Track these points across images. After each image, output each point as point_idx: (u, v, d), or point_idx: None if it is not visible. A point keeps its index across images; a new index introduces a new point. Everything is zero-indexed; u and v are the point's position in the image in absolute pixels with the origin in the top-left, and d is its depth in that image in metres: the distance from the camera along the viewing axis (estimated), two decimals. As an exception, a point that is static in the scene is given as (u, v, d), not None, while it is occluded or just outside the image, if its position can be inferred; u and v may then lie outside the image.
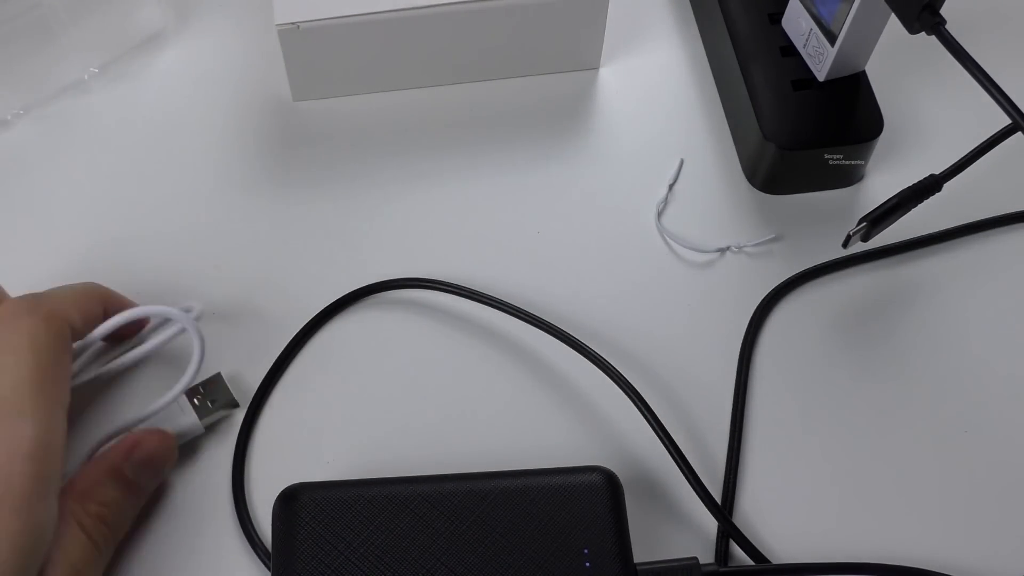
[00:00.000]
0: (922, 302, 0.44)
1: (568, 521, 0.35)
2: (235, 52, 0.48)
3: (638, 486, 0.39)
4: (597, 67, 0.49)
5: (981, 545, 0.39)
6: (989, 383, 0.42)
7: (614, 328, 0.43)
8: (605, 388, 0.40)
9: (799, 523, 0.39)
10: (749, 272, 0.44)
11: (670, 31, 0.50)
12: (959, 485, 0.40)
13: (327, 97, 0.47)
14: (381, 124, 0.47)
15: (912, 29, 0.38)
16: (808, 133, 0.44)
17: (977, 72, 0.37)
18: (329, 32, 0.44)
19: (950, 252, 0.45)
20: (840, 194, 0.46)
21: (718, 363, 0.42)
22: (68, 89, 0.47)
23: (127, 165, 0.46)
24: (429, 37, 0.45)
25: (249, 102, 0.47)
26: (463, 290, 0.42)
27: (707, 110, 0.48)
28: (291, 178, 0.46)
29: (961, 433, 0.41)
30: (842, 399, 0.42)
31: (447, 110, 0.48)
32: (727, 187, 0.46)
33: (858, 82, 0.45)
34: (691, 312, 0.43)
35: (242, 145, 0.46)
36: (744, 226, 0.45)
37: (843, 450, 0.41)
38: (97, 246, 0.44)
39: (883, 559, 0.38)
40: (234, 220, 0.44)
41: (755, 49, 0.45)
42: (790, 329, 0.43)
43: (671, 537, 0.39)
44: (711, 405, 0.41)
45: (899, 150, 0.47)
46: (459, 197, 0.45)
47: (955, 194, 0.43)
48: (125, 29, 0.47)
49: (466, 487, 0.36)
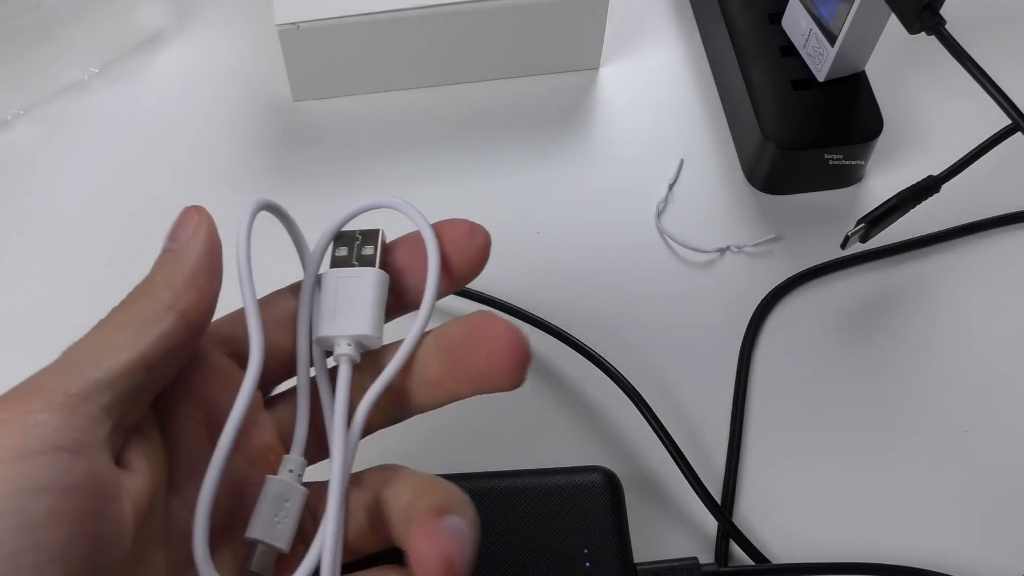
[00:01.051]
0: (921, 302, 0.44)
1: (568, 521, 0.35)
2: (235, 52, 0.48)
3: (638, 486, 0.39)
4: (597, 67, 0.49)
5: (981, 545, 0.39)
6: (989, 383, 0.42)
7: (614, 328, 0.43)
8: (605, 388, 0.40)
9: (799, 523, 0.39)
10: (749, 272, 0.44)
11: (670, 31, 0.50)
12: (959, 485, 0.40)
13: (327, 97, 0.47)
14: (381, 124, 0.47)
15: (912, 29, 0.38)
16: (808, 133, 0.44)
17: (977, 72, 0.37)
18: (329, 32, 0.44)
19: (949, 252, 0.45)
20: (840, 194, 0.46)
21: (718, 363, 0.42)
22: (68, 89, 0.47)
23: (127, 165, 0.46)
24: (429, 37, 0.45)
25: (249, 102, 0.47)
26: (462, 290, 0.42)
27: (707, 110, 0.48)
28: (291, 178, 0.46)
29: (961, 433, 0.41)
30: (842, 399, 0.42)
31: (447, 110, 0.48)
32: (727, 187, 0.46)
33: (858, 82, 0.45)
34: (691, 312, 0.43)
35: (242, 145, 0.46)
36: (744, 226, 0.45)
37: (843, 450, 0.41)
38: (97, 246, 0.44)
39: (883, 559, 0.38)
40: (233, 219, 0.44)
41: (755, 49, 0.45)
42: (790, 329, 0.43)
43: (671, 537, 0.39)
44: (711, 405, 0.41)
45: (899, 150, 0.47)
46: (459, 197, 0.45)
47: (954, 194, 0.43)
48: (125, 29, 0.47)
49: (466, 487, 0.36)
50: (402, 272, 0.31)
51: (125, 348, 0.26)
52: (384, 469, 0.30)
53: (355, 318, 0.29)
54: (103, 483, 0.25)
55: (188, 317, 0.27)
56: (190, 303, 0.27)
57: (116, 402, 0.25)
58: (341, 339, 0.29)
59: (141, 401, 0.27)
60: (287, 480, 0.29)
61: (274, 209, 0.30)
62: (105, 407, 0.25)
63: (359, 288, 0.30)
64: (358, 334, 0.29)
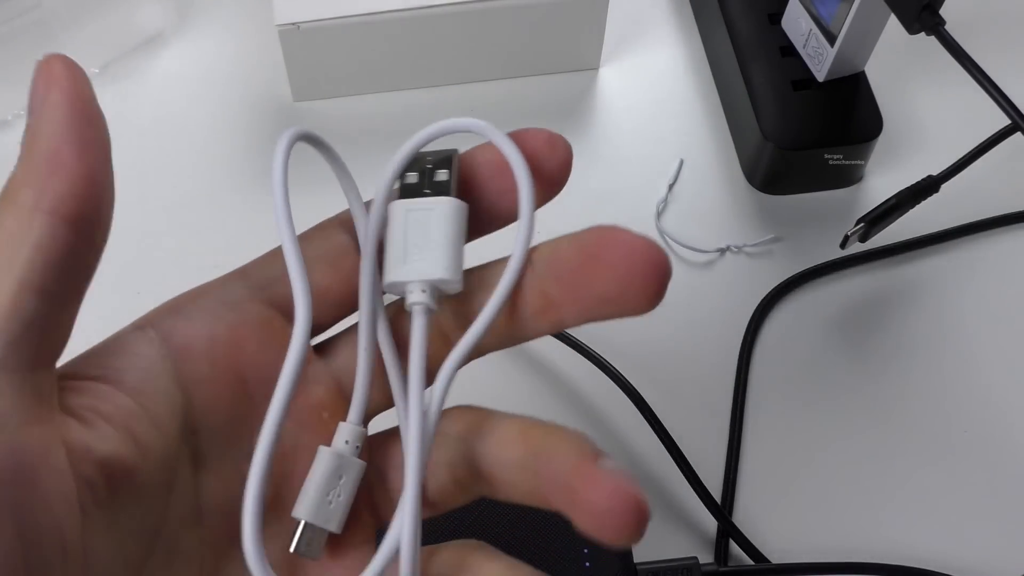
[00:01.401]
0: (921, 302, 0.44)
1: (568, 521, 0.35)
2: (235, 52, 0.48)
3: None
4: (597, 67, 0.49)
5: (981, 545, 0.39)
6: (989, 383, 0.42)
7: (614, 328, 0.42)
8: (605, 388, 0.40)
9: (799, 523, 0.39)
10: (749, 272, 0.44)
11: (670, 31, 0.50)
12: (959, 485, 0.40)
13: (327, 97, 0.47)
14: (381, 124, 0.47)
15: (912, 29, 0.38)
16: (808, 133, 0.44)
17: (976, 72, 0.37)
18: (329, 32, 0.44)
19: (949, 252, 0.45)
20: (839, 194, 0.46)
21: (718, 363, 0.42)
22: (68, 89, 0.47)
23: (127, 165, 0.46)
24: (429, 37, 0.45)
25: (249, 102, 0.47)
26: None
27: (707, 110, 0.48)
28: (291, 178, 0.46)
29: (961, 433, 0.41)
30: (841, 399, 0.42)
31: (447, 110, 0.48)
32: (727, 187, 0.46)
33: (858, 82, 0.45)
34: (691, 312, 0.43)
35: (242, 145, 0.46)
36: (744, 226, 0.45)
37: (843, 450, 0.41)
38: (97, 246, 0.44)
39: (883, 559, 0.38)
40: (234, 219, 0.44)
41: (755, 49, 0.45)
42: (790, 329, 0.43)
43: (671, 537, 0.39)
44: (711, 405, 0.41)
45: (898, 150, 0.47)
46: (459, 197, 0.45)
47: (954, 194, 0.43)
48: (125, 29, 0.47)
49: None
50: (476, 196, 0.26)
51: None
52: (463, 412, 0.25)
53: (431, 259, 0.24)
54: (16, 469, 0.19)
55: (64, 213, 0.21)
56: (58, 194, 0.21)
57: (11, 352, 0.20)
58: (415, 285, 0.24)
59: (52, 335, 0.21)
60: (343, 452, 0.24)
61: (313, 140, 0.26)
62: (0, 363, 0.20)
63: (434, 222, 0.25)
64: (435, 278, 0.24)
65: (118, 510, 0.21)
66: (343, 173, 0.27)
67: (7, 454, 0.19)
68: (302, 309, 0.23)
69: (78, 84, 0.22)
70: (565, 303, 0.24)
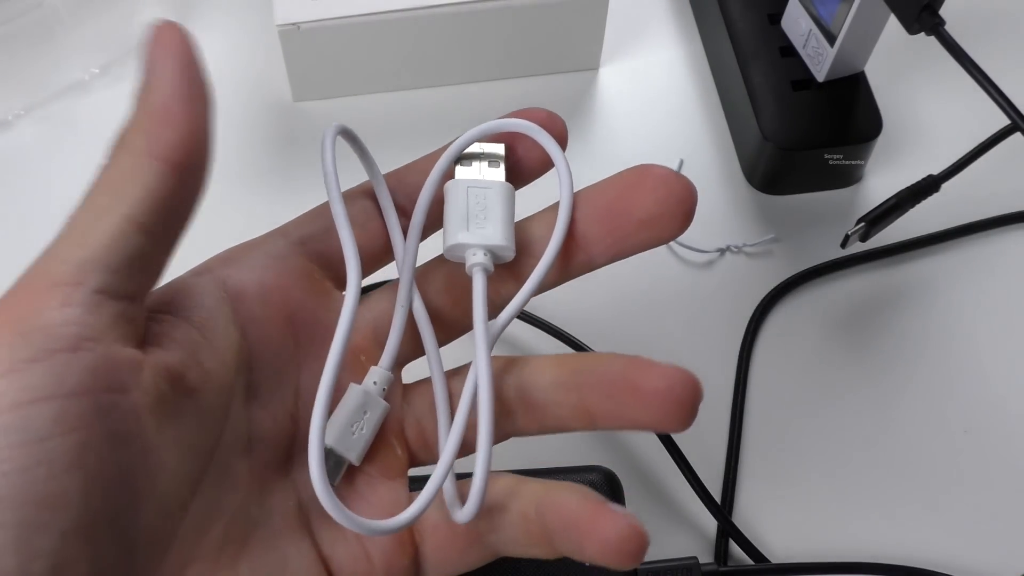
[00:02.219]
0: (921, 302, 0.44)
1: None
2: (235, 52, 0.48)
3: (638, 486, 0.39)
4: (597, 67, 0.49)
5: (981, 545, 0.39)
6: (989, 383, 0.42)
7: (614, 328, 0.43)
8: (605, 388, 0.40)
9: (799, 523, 0.39)
10: (748, 272, 0.44)
11: (670, 31, 0.50)
12: (959, 485, 0.40)
13: (327, 97, 0.47)
14: (381, 124, 0.47)
15: (911, 30, 0.38)
16: (807, 133, 0.44)
17: (976, 73, 0.37)
18: (329, 32, 0.44)
19: (949, 252, 0.45)
20: (839, 194, 0.46)
21: (718, 363, 0.42)
22: (69, 89, 0.47)
23: (127, 165, 0.46)
24: (429, 37, 0.45)
25: (249, 102, 0.47)
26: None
27: (707, 110, 0.48)
28: (291, 178, 0.46)
29: (961, 433, 0.41)
30: (841, 399, 0.42)
31: (447, 110, 0.48)
32: (726, 187, 0.46)
33: (857, 82, 0.45)
34: (691, 312, 0.43)
35: (242, 145, 0.46)
36: (744, 226, 0.45)
37: (843, 450, 0.41)
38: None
39: (883, 559, 0.38)
40: (234, 220, 0.44)
41: (755, 49, 0.45)
42: (789, 329, 0.43)
43: (671, 537, 0.39)
44: (711, 405, 0.41)
45: (898, 150, 0.47)
46: (459, 197, 0.45)
47: (954, 194, 0.43)
48: (126, 29, 0.47)
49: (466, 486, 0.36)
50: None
51: (107, 214, 0.23)
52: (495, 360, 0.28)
53: (491, 229, 0.28)
54: (110, 378, 0.22)
55: (173, 160, 0.24)
56: (170, 143, 0.24)
57: (113, 279, 0.22)
58: (477, 248, 0.28)
59: (149, 270, 0.24)
60: (371, 391, 0.28)
61: (349, 136, 0.30)
62: (99, 288, 0.22)
63: (491, 199, 0.29)
64: (496, 244, 0.28)
65: (182, 427, 0.24)
66: (369, 163, 0.31)
67: (105, 365, 0.22)
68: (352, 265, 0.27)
69: (188, 49, 0.25)
70: (608, 238, 0.28)
